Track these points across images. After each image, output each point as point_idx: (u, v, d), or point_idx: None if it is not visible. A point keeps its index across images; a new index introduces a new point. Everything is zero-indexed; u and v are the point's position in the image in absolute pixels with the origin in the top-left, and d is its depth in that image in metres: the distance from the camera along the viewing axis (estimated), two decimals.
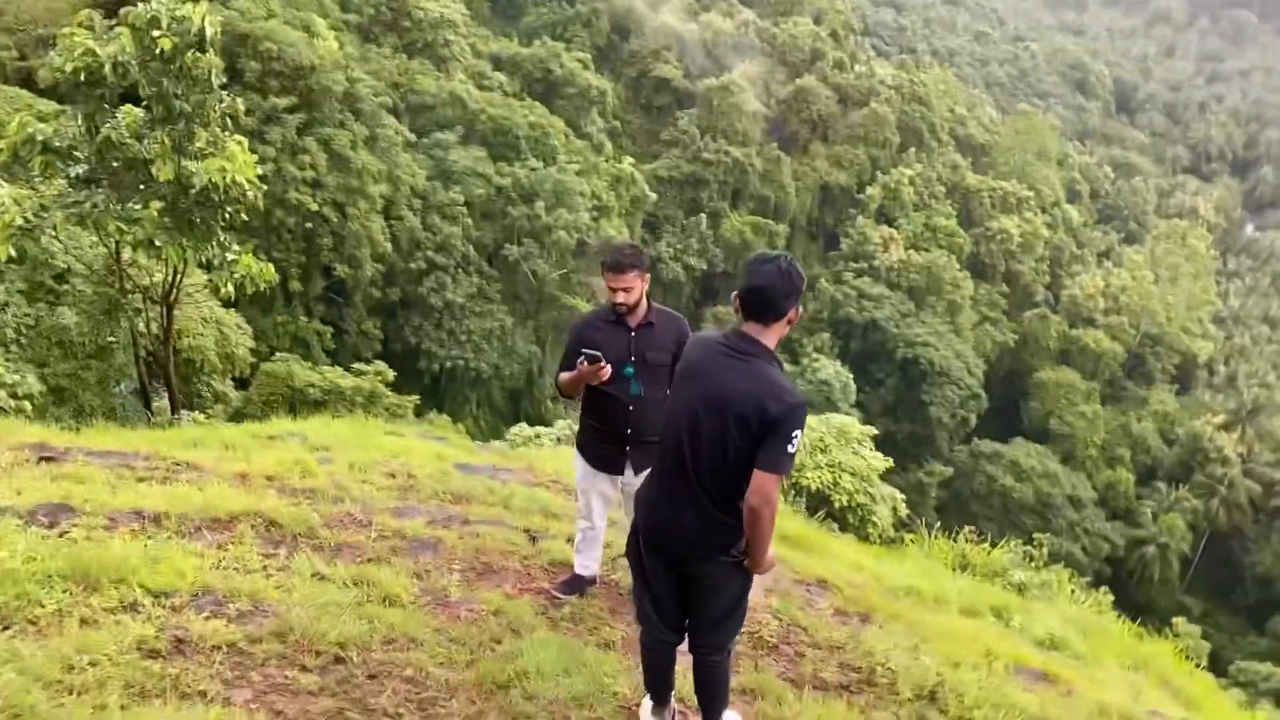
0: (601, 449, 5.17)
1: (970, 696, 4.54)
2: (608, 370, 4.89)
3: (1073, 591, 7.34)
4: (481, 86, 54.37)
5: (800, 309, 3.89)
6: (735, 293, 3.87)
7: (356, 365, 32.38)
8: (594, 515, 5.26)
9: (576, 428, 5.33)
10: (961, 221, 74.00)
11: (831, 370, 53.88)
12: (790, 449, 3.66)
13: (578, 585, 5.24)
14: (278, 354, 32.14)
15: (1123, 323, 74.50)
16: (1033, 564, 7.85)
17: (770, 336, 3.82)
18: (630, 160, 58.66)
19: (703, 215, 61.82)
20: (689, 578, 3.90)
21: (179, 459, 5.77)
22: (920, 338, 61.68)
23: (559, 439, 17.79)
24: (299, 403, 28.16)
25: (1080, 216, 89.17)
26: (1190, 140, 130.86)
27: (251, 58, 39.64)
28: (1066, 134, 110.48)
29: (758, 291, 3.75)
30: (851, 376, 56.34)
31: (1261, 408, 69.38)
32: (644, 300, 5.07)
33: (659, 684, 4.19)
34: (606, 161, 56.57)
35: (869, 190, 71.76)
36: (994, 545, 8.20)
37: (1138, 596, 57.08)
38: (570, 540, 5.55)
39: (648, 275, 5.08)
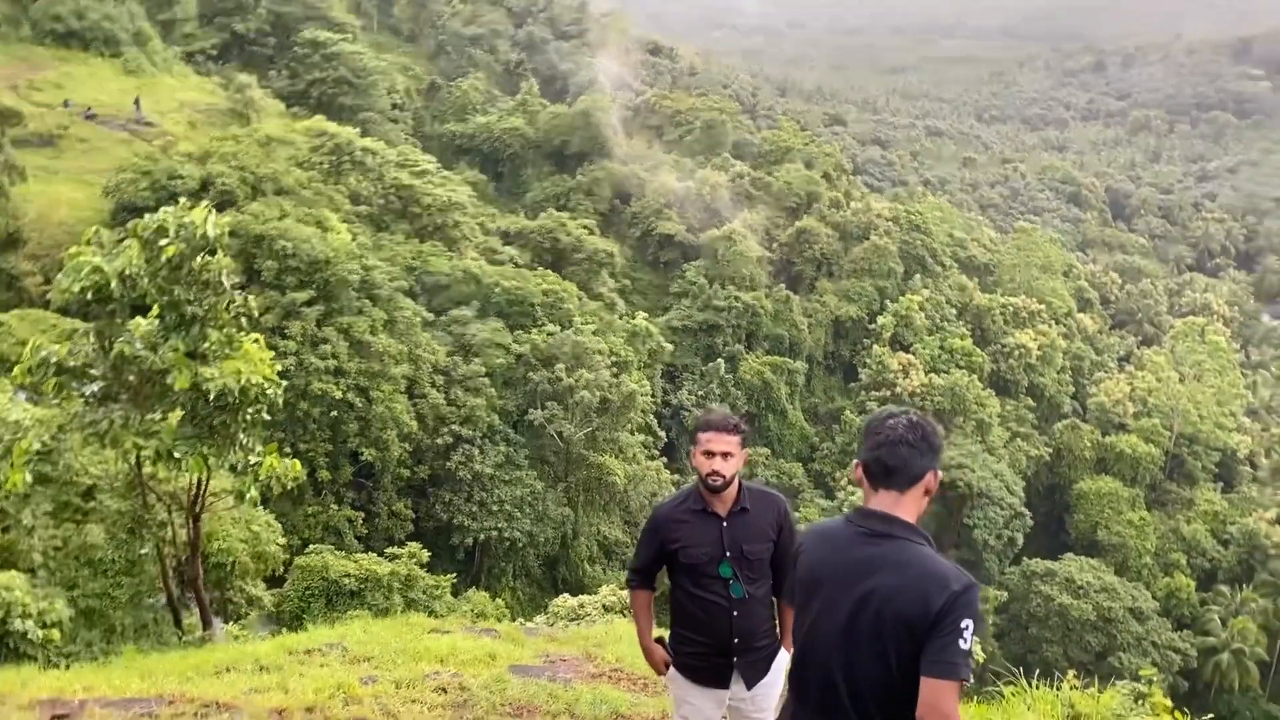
0: (701, 661, 4.46)
1: None
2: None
3: None
4: (493, 261, 55.61)
5: (939, 474, 3.22)
6: (857, 462, 3.28)
7: (390, 549, 31.93)
8: None
9: (668, 635, 4.64)
10: (976, 341, 74.09)
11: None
12: (964, 644, 2.93)
13: None
14: (310, 545, 31.76)
15: (1155, 425, 73.32)
16: (1143, 704, 7.20)
17: (908, 509, 3.17)
18: (643, 315, 59.34)
19: (720, 360, 62.04)
20: None
21: (208, 699, 5.30)
22: (954, 460, 60.70)
23: (604, 607, 17.14)
24: (335, 594, 27.66)
25: (1094, 324, 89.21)
26: (1190, 239, 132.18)
27: (268, 257, 40.73)
28: (1068, 245, 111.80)
29: (887, 451, 3.14)
30: None
31: None
32: (736, 480, 4.45)
33: None
34: (621, 319, 57.21)
35: (880, 319, 72.16)
36: (1089, 677, 7.58)
37: (1220, 709, 54.18)
38: None
39: (747, 451, 4.51)
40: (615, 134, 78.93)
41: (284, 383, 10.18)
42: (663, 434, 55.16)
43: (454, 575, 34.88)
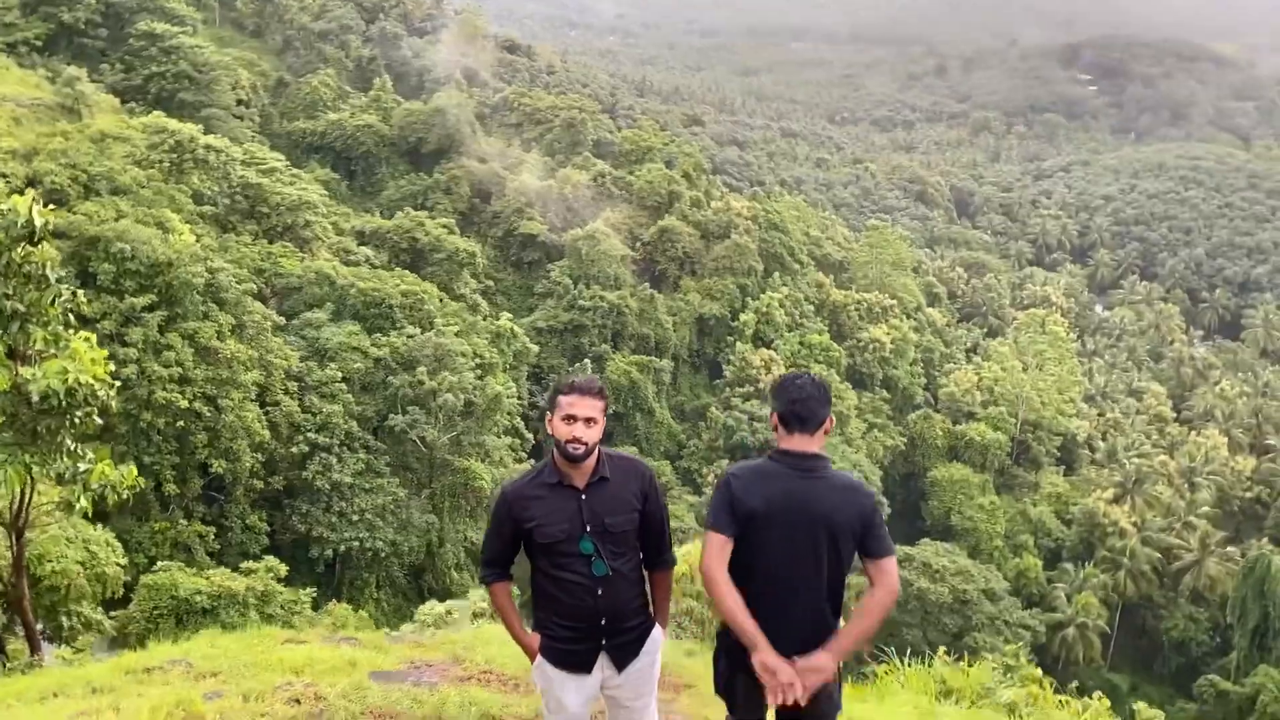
0: (567, 646, 4.11)
1: None
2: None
3: (1060, 700, 6.81)
4: (348, 262, 53.90)
5: (832, 417, 4.13)
6: (773, 413, 4.07)
7: (245, 564, 30.44)
8: None
9: (532, 617, 4.30)
10: (834, 336, 76.00)
11: None
12: (884, 528, 3.96)
13: None
14: (158, 563, 29.96)
15: (1001, 412, 76.76)
16: (1011, 676, 7.29)
17: (817, 445, 4.01)
18: (508, 316, 58.59)
19: (587, 361, 61.79)
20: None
21: None
22: None
23: (474, 613, 16.62)
24: (186, 613, 26.15)
25: (943, 317, 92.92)
26: (1030, 235, 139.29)
27: (104, 259, 38.34)
28: (916, 243, 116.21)
29: (801, 404, 3.97)
30: None
31: (1145, 477, 71.76)
32: (596, 449, 4.12)
33: None
34: (484, 320, 56.32)
35: (742, 317, 73.26)
36: (956, 656, 7.63)
37: (1067, 678, 57.01)
38: None
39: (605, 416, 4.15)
40: (473, 131, 77.77)
41: (117, 384, 9.33)
42: (530, 436, 54.52)
43: (314, 589, 33.57)
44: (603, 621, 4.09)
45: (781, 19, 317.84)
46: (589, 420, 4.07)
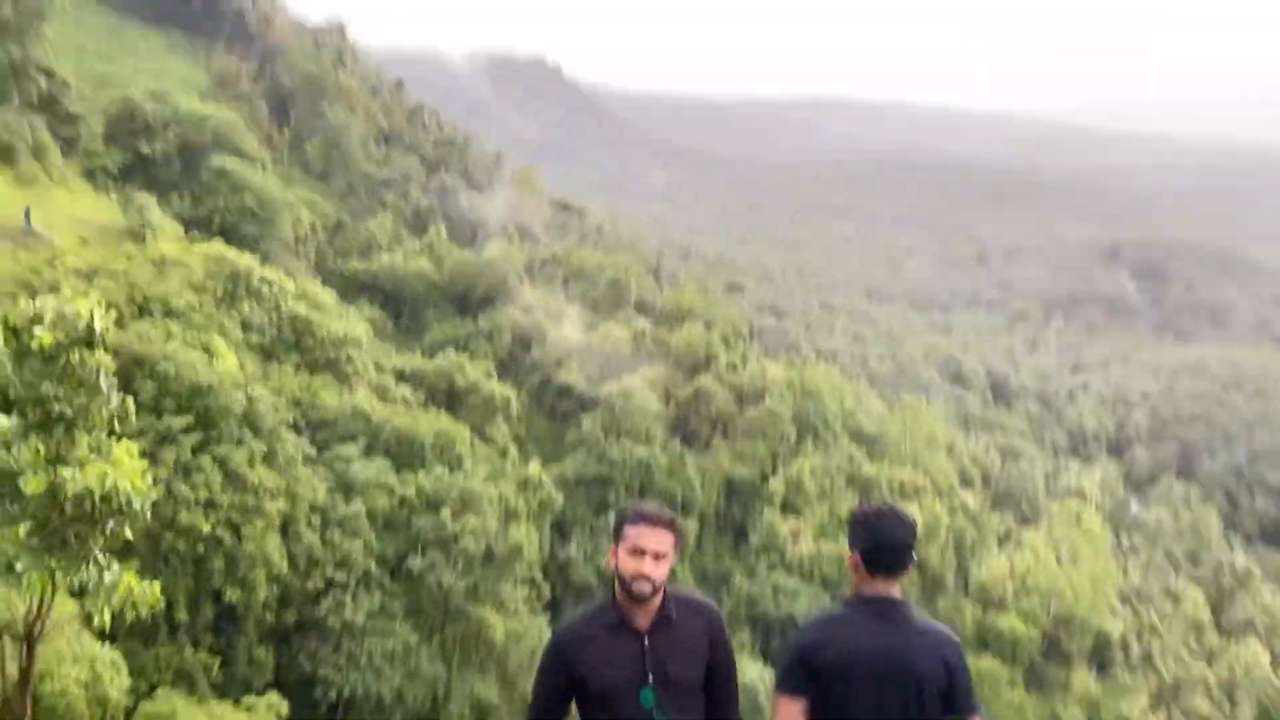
0: None
1: None
2: None
3: None
4: (385, 399, 54.33)
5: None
6: (853, 552, 3.74)
7: (248, 698, 29.59)
8: None
9: None
10: None
11: (755, 672, 51.56)
12: (970, 683, 3.72)
13: None
14: (158, 690, 29.17)
15: (1033, 605, 74.39)
16: None
17: (898, 589, 3.78)
18: (536, 463, 58.41)
19: (612, 514, 61.08)
20: None
21: None
22: None
23: None
24: None
25: (976, 501, 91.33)
26: (1066, 425, 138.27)
27: (148, 378, 38.88)
28: (951, 423, 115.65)
29: (895, 549, 3.70)
30: (773, 675, 53.94)
31: (1182, 685, 68.71)
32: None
33: None
34: (513, 466, 56.15)
35: (771, 483, 72.51)
36: None
37: None
38: None
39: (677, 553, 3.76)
40: (520, 282, 79.60)
41: (153, 493, 9.19)
42: (547, 588, 53.41)
43: None
44: None
45: (826, 198, 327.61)
46: (658, 555, 3.67)
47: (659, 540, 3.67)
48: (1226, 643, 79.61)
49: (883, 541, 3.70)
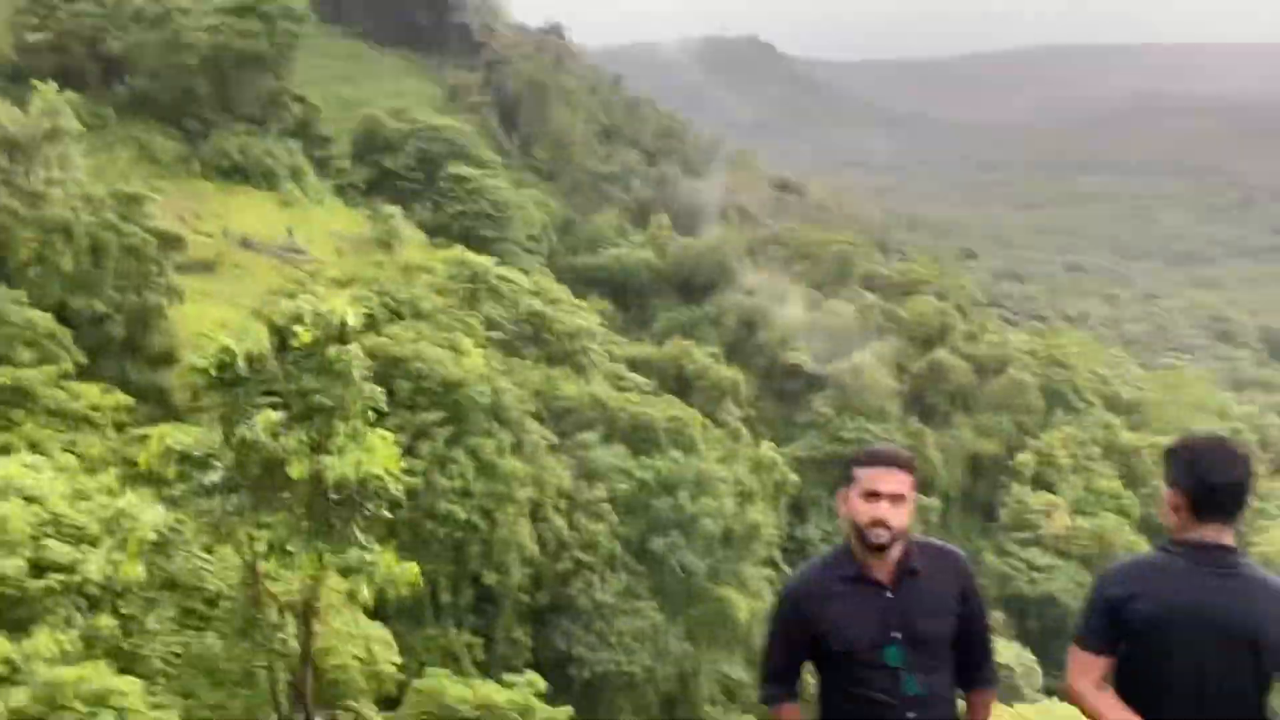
0: None
1: None
2: None
3: None
4: (619, 388, 55.83)
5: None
6: (1174, 488, 3.26)
7: (508, 676, 31.18)
8: None
9: None
10: (1125, 482, 70.02)
11: (1012, 653, 49.32)
12: None
13: None
14: (427, 669, 31.27)
15: None
16: None
17: (1231, 535, 3.22)
18: (769, 444, 58.30)
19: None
20: None
21: None
22: None
23: None
24: (451, 719, 26.97)
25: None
26: None
27: (403, 377, 41.70)
28: (1220, 385, 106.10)
29: (1227, 490, 3.17)
30: (1035, 660, 51.47)
31: None
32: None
33: None
34: (745, 448, 56.31)
35: (1020, 457, 69.14)
36: None
37: None
38: None
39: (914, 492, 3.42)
40: (743, 265, 79.54)
41: (407, 479, 9.84)
42: (787, 569, 53.27)
43: (571, 709, 33.79)
44: None
45: (1064, 152, 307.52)
46: (895, 498, 3.32)
47: (895, 482, 3.33)
48: None
49: (1216, 480, 3.14)
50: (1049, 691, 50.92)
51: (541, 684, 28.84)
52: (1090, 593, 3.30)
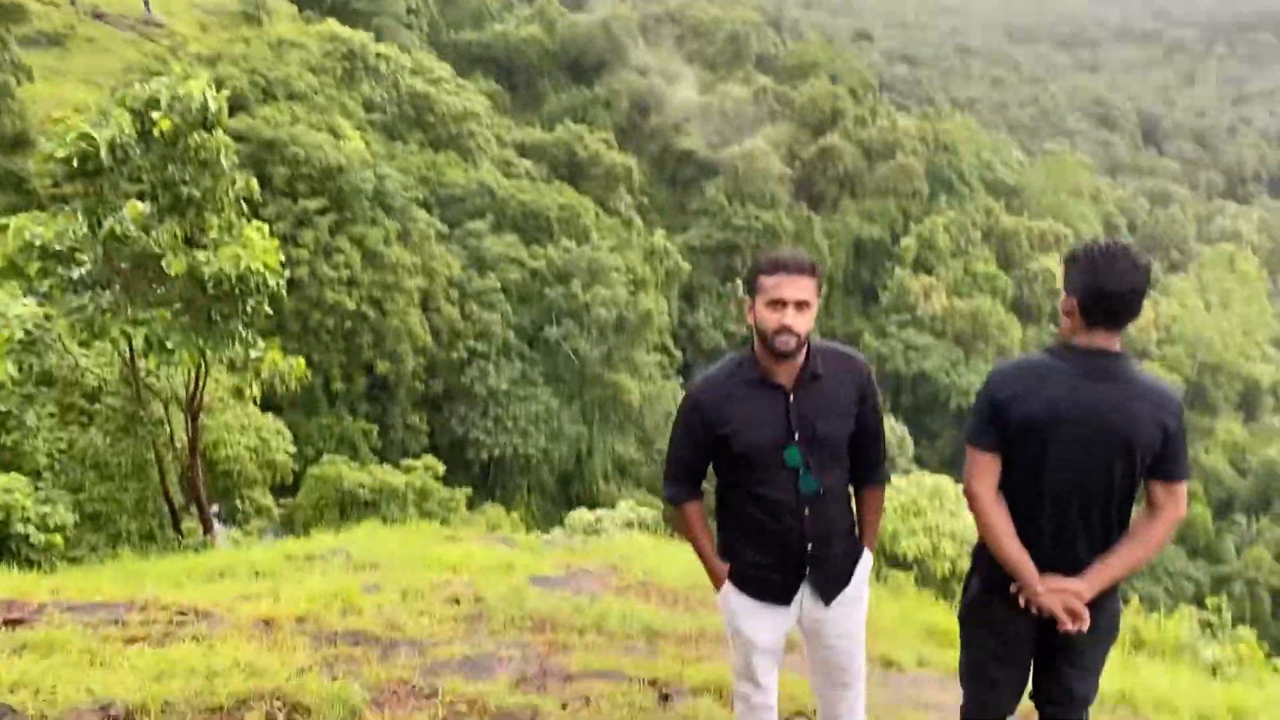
0: (764, 574, 3.46)
1: None
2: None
3: (1271, 661, 6.14)
4: (509, 174, 54.45)
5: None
6: (1067, 294, 3.21)
7: (405, 461, 31.67)
8: (759, 674, 3.52)
9: (718, 539, 3.61)
10: (1001, 264, 72.72)
11: (886, 427, 52.19)
12: (1186, 447, 3.24)
13: None
14: (324, 456, 31.51)
15: (1178, 353, 72.33)
16: (1212, 631, 6.61)
17: (1118, 341, 3.22)
18: (662, 233, 58.29)
19: (738, 281, 61.10)
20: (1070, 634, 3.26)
21: (186, 606, 4.65)
22: (974, 386, 60.04)
23: (626, 523, 16.68)
24: (349, 504, 27.45)
25: None
26: (1223, 165, 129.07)
27: (279, 163, 39.78)
28: (1097, 169, 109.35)
29: (1118, 297, 3.11)
30: (906, 430, 54.71)
31: None
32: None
33: None
34: (638, 236, 56.22)
35: (903, 241, 70.79)
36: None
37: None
38: (719, 696, 3.94)
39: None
40: (634, 44, 76.80)
41: (287, 273, 9.44)
42: (679, 354, 54.55)
43: (470, 490, 34.75)
44: (809, 547, 3.42)
45: None
46: (801, 304, 3.28)
47: (800, 288, 3.29)
48: None
49: (1108, 287, 3.09)
50: (918, 460, 54.51)
51: (439, 467, 29.43)
52: (980, 393, 3.31)
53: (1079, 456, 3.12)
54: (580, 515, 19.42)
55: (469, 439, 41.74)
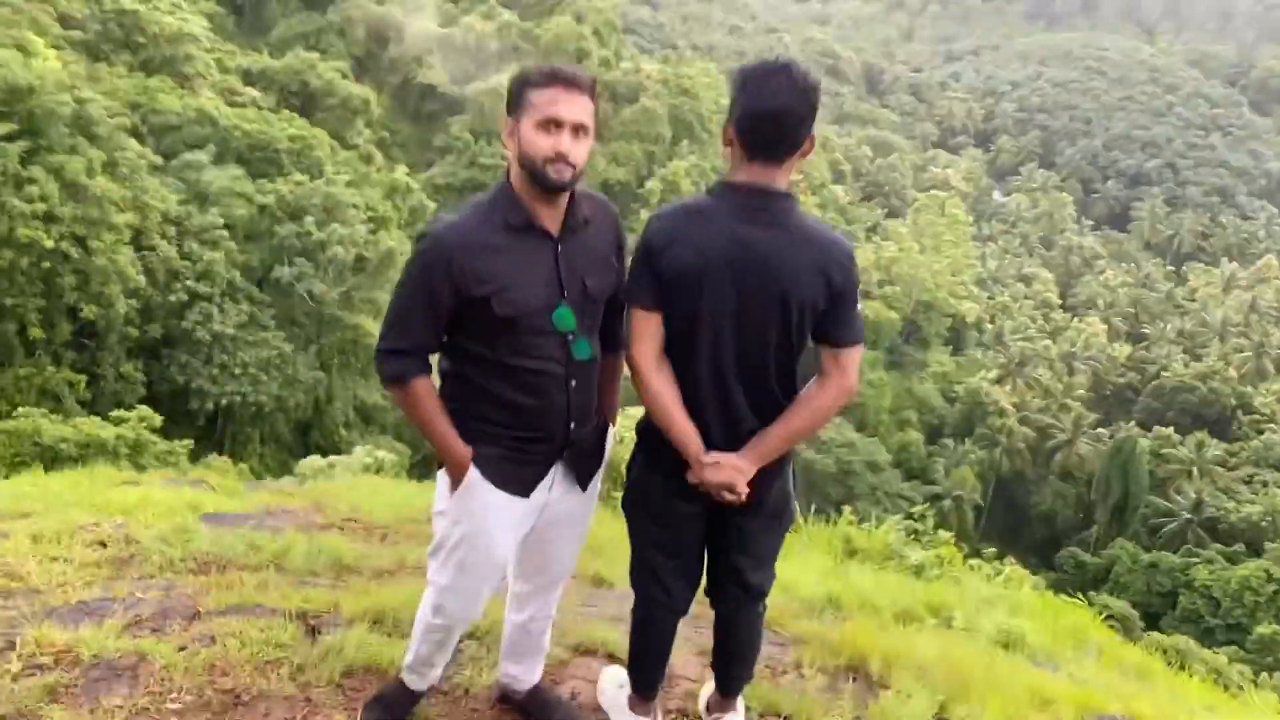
0: (522, 459, 2.84)
1: None
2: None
3: (968, 563, 6.54)
4: (233, 103, 50.59)
5: (814, 136, 2.78)
6: (728, 124, 2.74)
7: (117, 413, 29.05)
8: (485, 591, 2.96)
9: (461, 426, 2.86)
10: None
11: None
12: (860, 308, 2.86)
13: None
14: (20, 409, 28.35)
15: (897, 292, 78.08)
16: (918, 539, 6.94)
17: (784, 178, 2.74)
18: (404, 169, 56.20)
19: None
20: (737, 511, 2.91)
21: None
22: None
23: (366, 467, 15.92)
24: (51, 461, 24.80)
25: (846, 195, 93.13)
26: (936, 117, 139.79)
27: None
28: (826, 119, 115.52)
29: (770, 118, 2.66)
30: None
31: (1027, 360, 74.29)
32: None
33: (657, 668, 3.19)
34: (378, 172, 53.94)
35: (648, 185, 71.98)
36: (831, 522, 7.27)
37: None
38: (376, 624, 3.48)
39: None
40: None
41: None
42: None
43: (193, 442, 32.41)
44: (571, 424, 2.87)
45: None
46: (579, 128, 2.67)
47: (579, 107, 2.68)
48: (1070, 319, 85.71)
49: (764, 108, 2.64)
50: None
51: (156, 419, 27.21)
52: (637, 244, 2.86)
53: (733, 311, 2.73)
54: (312, 462, 18.48)
55: (192, 388, 38.80)
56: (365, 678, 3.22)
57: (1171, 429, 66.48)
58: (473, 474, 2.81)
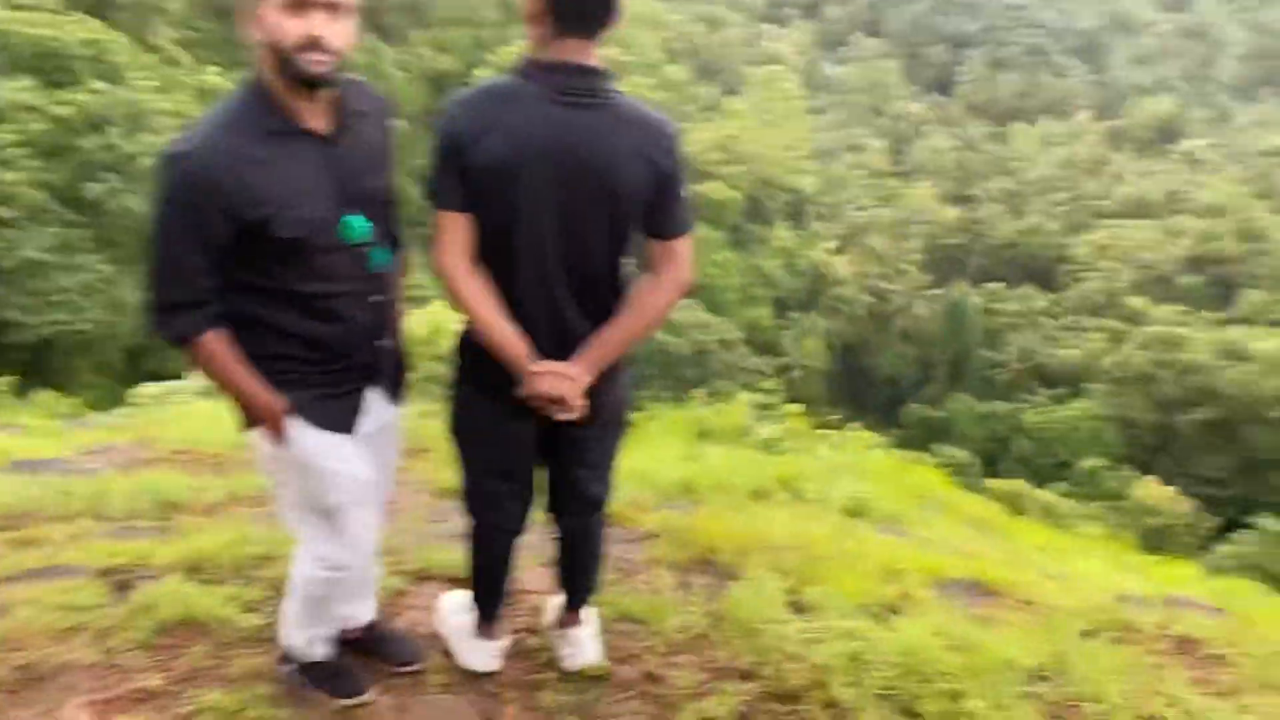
0: (335, 389, 2.55)
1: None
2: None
3: (817, 433, 6.73)
4: (15, 6, 45.99)
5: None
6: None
7: None
8: (353, 524, 2.64)
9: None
10: None
11: None
12: (687, 195, 2.61)
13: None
14: None
15: (739, 171, 78.77)
16: (770, 412, 7.07)
17: (595, 55, 2.49)
18: (215, 70, 52.62)
19: None
20: (572, 423, 2.69)
21: None
22: None
23: (205, 392, 15.10)
24: None
25: (683, 75, 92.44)
26: None
27: None
28: None
29: None
30: None
31: (864, 229, 76.70)
32: None
33: (500, 591, 3.02)
34: (187, 75, 50.38)
35: (478, 72, 69.67)
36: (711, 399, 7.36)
37: None
38: (194, 574, 3.17)
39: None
40: None
41: None
42: None
43: (14, 377, 30.35)
44: (377, 342, 2.62)
45: None
46: (334, 6, 2.27)
47: None
48: (902, 185, 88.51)
49: None
50: None
51: None
52: (435, 136, 2.56)
53: (553, 203, 2.46)
54: (145, 390, 17.41)
55: (5, 321, 36.15)
56: (181, 634, 2.92)
57: (1002, 284, 70.21)
58: (293, 427, 2.50)
